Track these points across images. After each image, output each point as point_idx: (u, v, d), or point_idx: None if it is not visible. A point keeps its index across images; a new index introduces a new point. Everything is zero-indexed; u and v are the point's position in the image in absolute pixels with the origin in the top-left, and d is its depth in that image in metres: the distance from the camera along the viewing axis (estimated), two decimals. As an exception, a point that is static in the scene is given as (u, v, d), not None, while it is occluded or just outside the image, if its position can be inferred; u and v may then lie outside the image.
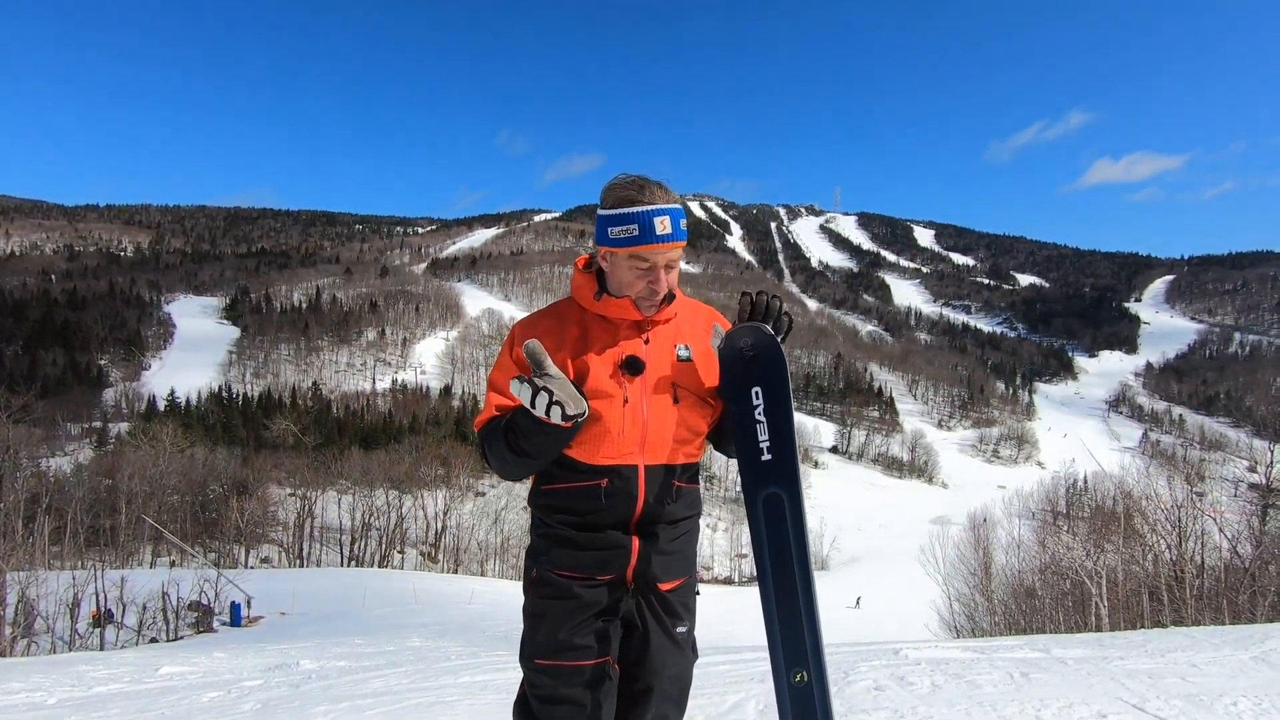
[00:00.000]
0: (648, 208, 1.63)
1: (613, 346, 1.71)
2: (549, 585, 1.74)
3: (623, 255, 1.67)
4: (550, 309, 1.81)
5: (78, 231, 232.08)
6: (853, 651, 6.18)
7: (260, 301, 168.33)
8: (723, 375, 1.74)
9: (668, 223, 1.64)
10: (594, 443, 1.69)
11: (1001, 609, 18.85)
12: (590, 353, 1.70)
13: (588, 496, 1.71)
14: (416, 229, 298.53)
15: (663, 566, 1.76)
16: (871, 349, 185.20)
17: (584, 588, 1.72)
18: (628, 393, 1.68)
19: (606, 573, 1.72)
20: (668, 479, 1.73)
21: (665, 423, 1.71)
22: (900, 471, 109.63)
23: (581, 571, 1.73)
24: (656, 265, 1.67)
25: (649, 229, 1.63)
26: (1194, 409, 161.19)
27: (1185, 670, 4.53)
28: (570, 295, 1.81)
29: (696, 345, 1.79)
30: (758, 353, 1.71)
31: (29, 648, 18.03)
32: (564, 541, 1.74)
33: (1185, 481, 15.57)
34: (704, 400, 1.78)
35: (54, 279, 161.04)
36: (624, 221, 1.64)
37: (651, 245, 1.64)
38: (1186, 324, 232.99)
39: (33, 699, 6.14)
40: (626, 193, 1.65)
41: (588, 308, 1.75)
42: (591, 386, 1.66)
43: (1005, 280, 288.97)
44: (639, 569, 1.73)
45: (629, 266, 1.68)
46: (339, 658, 9.10)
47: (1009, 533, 23.16)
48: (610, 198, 1.67)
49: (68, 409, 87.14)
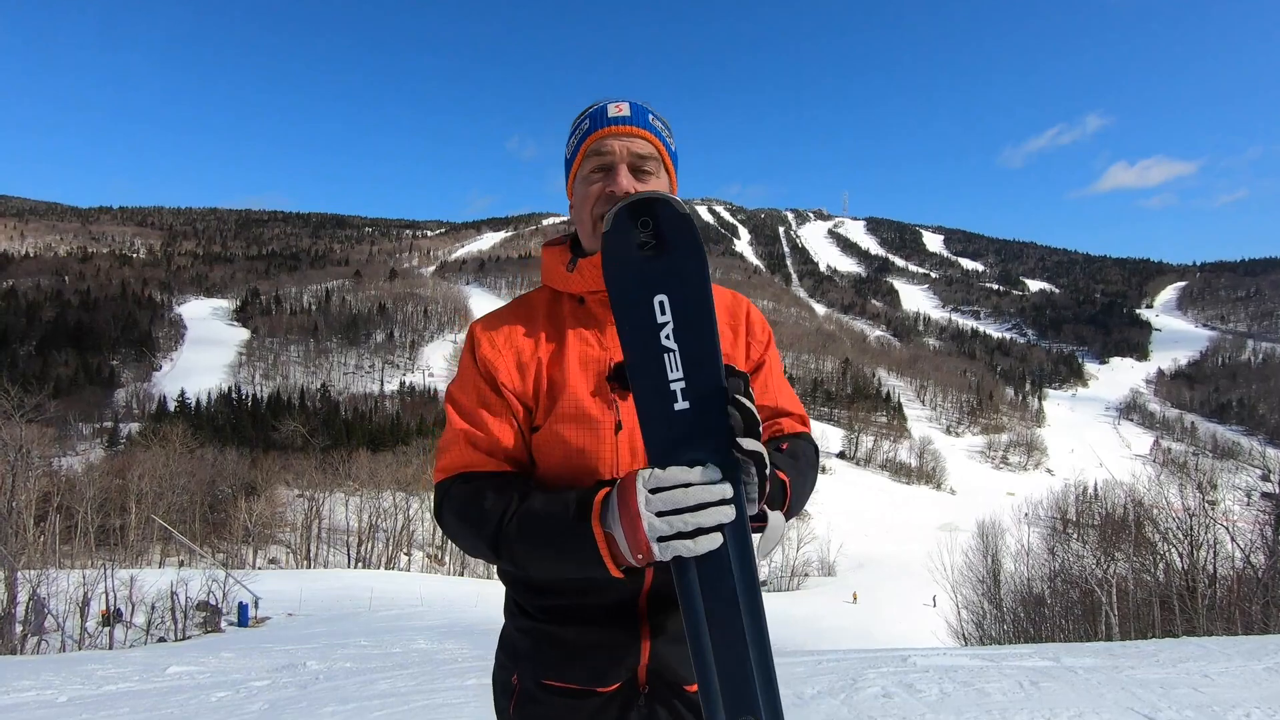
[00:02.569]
0: (602, 101, 1.26)
1: (596, 349, 1.23)
2: (536, 703, 1.24)
3: (580, 171, 1.24)
4: (515, 301, 1.34)
5: (91, 233, 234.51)
6: (861, 658, 6.16)
7: (270, 303, 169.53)
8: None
9: (624, 106, 1.23)
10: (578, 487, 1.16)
11: (1010, 617, 18.73)
12: (567, 360, 1.22)
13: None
14: (426, 232, 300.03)
15: (686, 660, 1.17)
16: (880, 354, 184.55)
17: (583, 706, 1.22)
18: (620, 415, 1.18)
19: (611, 680, 1.21)
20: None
21: None
22: (908, 477, 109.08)
23: (577, 680, 1.22)
24: (614, 159, 1.20)
25: (600, 114, 1.23)
26: (1206, 416, 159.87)
27: (1198, 681, 4.49)
28: (541, 284, 1.35)
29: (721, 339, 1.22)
30: (662, 241, 1.07)
31: (39, 645, 18.19)
32: (550, 639, 1.23)
33: (1197, 490, 15.42)
34: None
35: (67, 280, 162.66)
36: (576, 126, 1.26)
37: (603, 130, 1.21)
38: (1198, 330, 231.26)
39: (44, 697, 6.19)
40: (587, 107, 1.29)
41: (562, 289, 1.29)
42: (567, 407, 1.19)
43: (1015, 286, 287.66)
44: (654, 667, 1.22)
45: (584, 179, 1.23)
46: (345, 659, 9.13)
47: (1018, 540, 23.02)
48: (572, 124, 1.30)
49: (80, 409, 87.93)
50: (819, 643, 23.28)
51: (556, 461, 1.20)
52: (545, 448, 1.21)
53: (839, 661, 5.91)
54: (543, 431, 1.21)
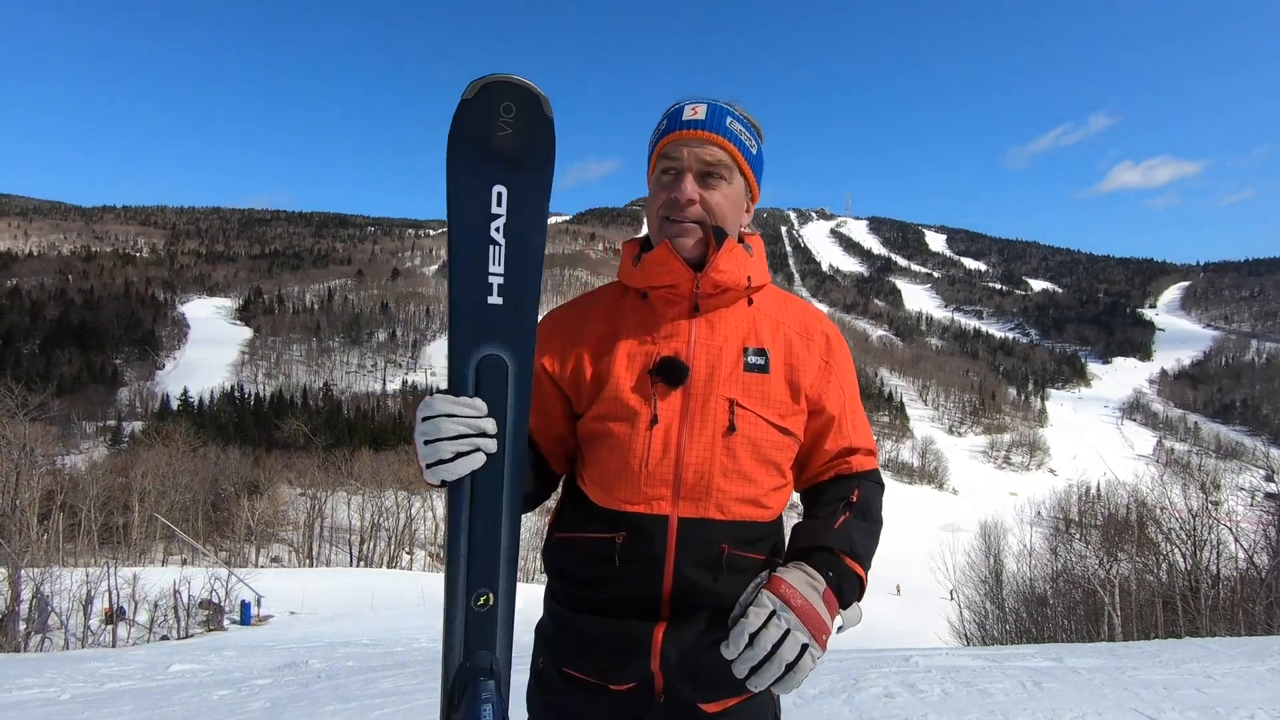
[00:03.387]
0: (686, 100, 1.25)
1: (649, 343, 1.22)
2: (555, 690, 1.26)
3: (654, 173, 1.25)
4: (584, 295, 1.37)
5: (94, 232, 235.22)
6: (863, 658, 6.15)
7: (273, 302, 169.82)
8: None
9: (700, 109, 1.21)
10: (607, 478, 1.20)
11: (1013, 617, 18.69)
12: (616, 352, 1.23)
13: (599, 556, 1.20)
14: (428, 231, 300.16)
15: (706, 675, 1.16)
16: (882, 354, 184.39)
17: (596, 703, 1.22)
18: (657, 410, 1.18)
19: (624, 679, 1.19)
20: (716, 543, 1.17)
21: (712, 458, 1.17)
22: (910, 477, 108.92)
23: (592, 674, 1.21)
24: (682, 165, 1.20)
25: (676, 116, 1.22)
26: (1209, 417, 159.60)
27: (1201, 681, 4.48)
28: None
29: (779, 351, 1.25)
30: (519, 135, 1.06)
31: (43, 643, 18.25)
32: (571, 627, 1.24)
33: (1200, 490, 15.36)
34: (780, 430, 1.22)
35: (71, 279, 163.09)
36: (657, 125, 1.26)
37: (674, 135, 1.20)
38: (1202, 331, 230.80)
39: (46, 694, 6.21)
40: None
41: (630, 284, 1.29)
42: (609, 396, 1.20)
43: (1018, 285, 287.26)
44: (668, 676, 1.17)
45: (656, 179, 1.24)
46: (347, 658, 9.15)
47: (1020, 540, 22.96)
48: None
49: (83, 408, 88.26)
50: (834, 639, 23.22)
51: (598, 449, 1.23)
52: (589, 436, 1.25)
53: (840, 662, 5.91)
54: (586, 419, 1.25)
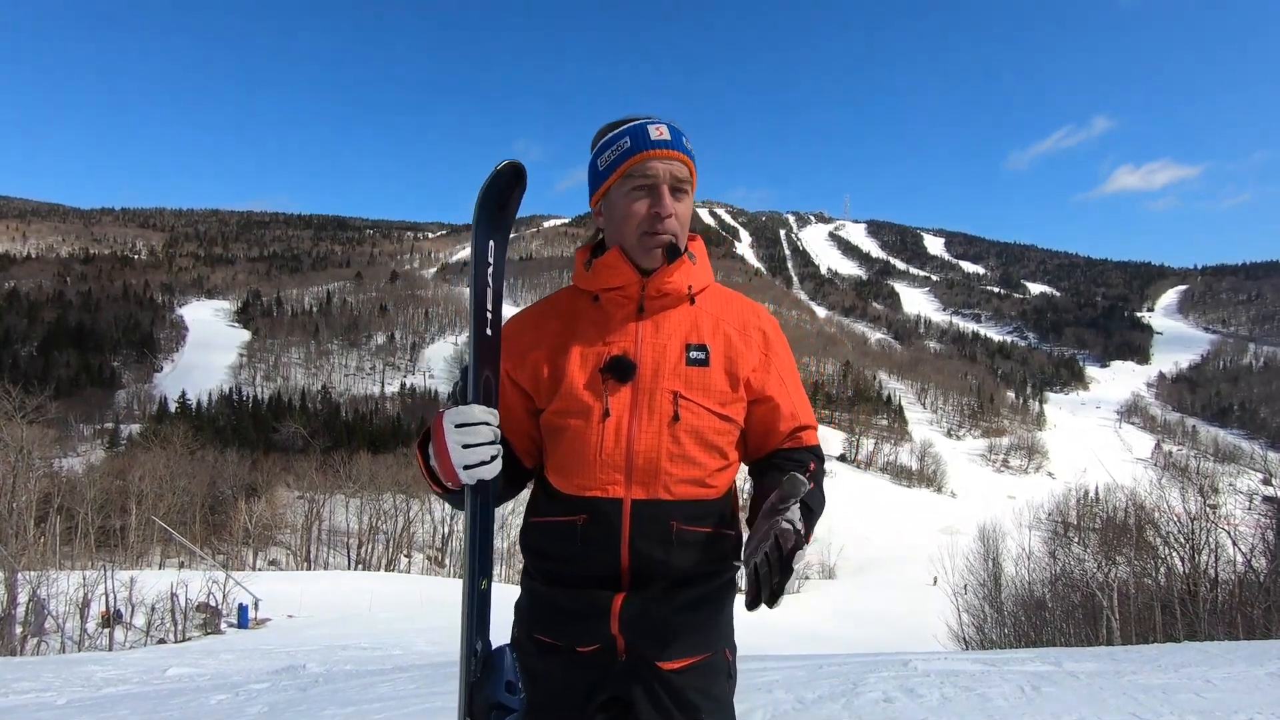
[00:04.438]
0: (641, 120, 1.36)
1: (599, 343, 1.36)
2: (528, 655, 1.40)
3: (618, 185, 1.35)
4: (543, 300, 1.50)
5: (93, 234, 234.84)
6: (861, 662, 6.15)
7: (271, 305, 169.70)
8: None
9: (664, 130, 1.33)
10: (567, 467, 1.35)
11: (1011, 621, 18.67)
12: (571, 352, 1.37)
13: (566, 536, 1.35)
14: (427, 234, 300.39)
15: (664, 636, 1.33)
16: (880, 357, 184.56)
17: (565, 663, 1.36)
18: (609, 404, 1.32)
19: (587, 641, 1.34)
20: (666, 520, 1.32)
21: (659, 444, 1.32)
22: (909, 481, 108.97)
23: (560, 637, 1.37)
24: (659, 180, 1.32)
25: (642, 135, 1.33)
26: (1207, 420, 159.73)
27: (1200, 686, 4.48)
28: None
29: (719, 346, 1.38)
30: (511, 200, 1.39)
31: (39, 647, 18.19)
32: (542, 598, 1.40)
33: (1198, 494, 15.37)
34: (721, 417, 1.36)
35: (69, 281, 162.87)
36: (613, 141, 1.35)
37: (647, 153, 1.32)
38: (1200, 334, 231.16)
39: (43, 699, 6.19)
40: (616, 122, 1.39)
41: (584, 287, 1.42)
42: (565, 393, 1.35)
43: (1016, 289, 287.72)
44: (628, 637, 1.32)
45: (626, 194, 1.34)
46: (345, 661, 9.13)
47: (1019, 544, 22.95)
48: (600, 134, 1.41)
49: (81, 410, 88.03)
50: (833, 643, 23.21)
51: (559, 441, 1.37)
52: (550, 430, 1.39)
53: (840, 666, 5.90)
54: (547, 414, 1.39)
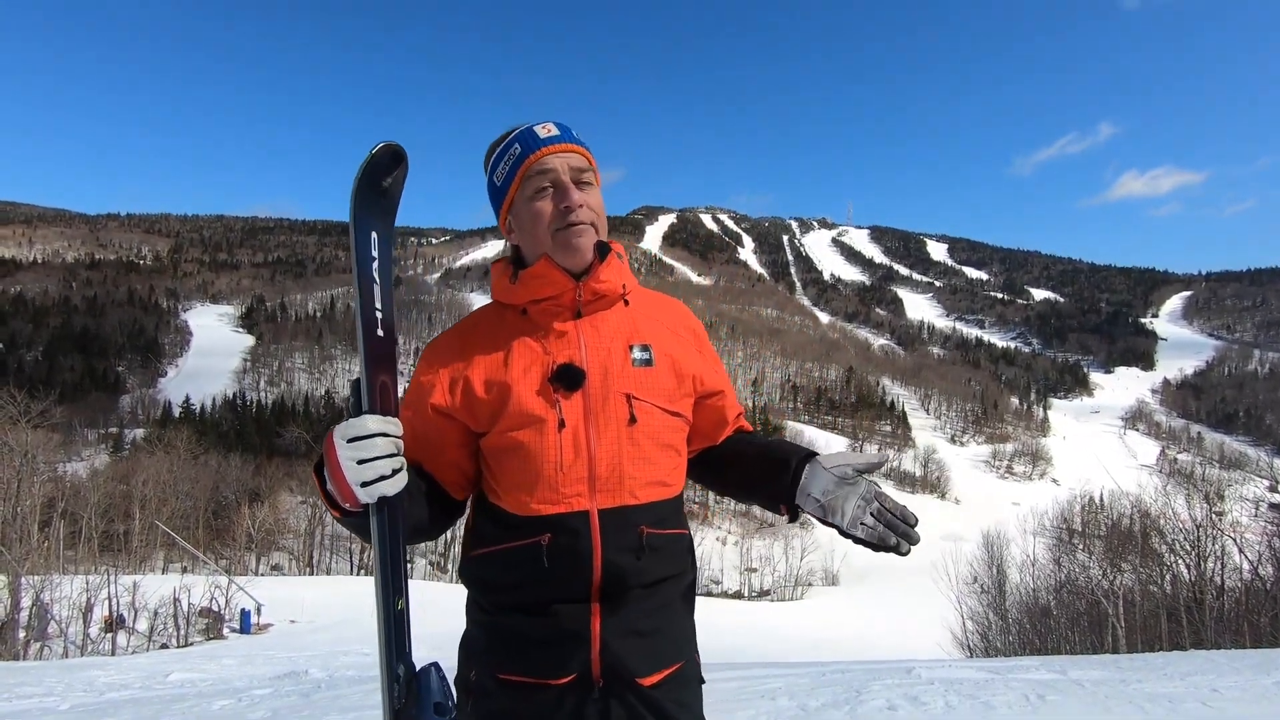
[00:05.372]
0: (525, 125, 1.35)
1: (540, 354, 1.30)
2: (491, 698, 1.28)
3: (520, 194, 1.33)
4: (462, 321, 1.44)
5: (99, 240, 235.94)
6: (865, 670, 6.12)
7: (275, 310, 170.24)
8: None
9: (551, 126, 1.33)
10: (524, 486, 1.27)
11: (1016, 628, 18.59)
12: (509, 367, 1.30)
13: (525, 561, 1.26)
14: (430, 239, 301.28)
15: (642, 651, 1.27)
16: (884, 363, 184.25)
17: (538, 700, 1.25)
18: (563, 413, 1.26)
19: (564, 672, 1.25)
20: (634, 526, 1.27)
21: (620, 449, 1.27)
22: (912, 487, 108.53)
23: (532, 673, 1.26)
24: (559, 175, 1.31)
25: (530, 137, 1.32)
26: (1212, 427, 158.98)
27: (1206, 695, 4.44)
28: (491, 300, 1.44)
29: (661, 345, 1.36)
30: (391, 186, 1.30)
31: (42, 651, 18.20)
32: (504, 633, 1.29)
33: (1204, 501, 15.30)
34: (672, 414, 1.34)
35: (74, 286, 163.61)
36: (505, 152, 1.34)
37: (539, 151, 1.30)
38: (1204, 340, 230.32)
39: (46, 704, 6.20)
40: (501, 135, 1.38)
41: (508, 302, 1.37)
42: (514, 410, 1.27)
43: (1019, 295, 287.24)
44: (607, 660, 1.25)
45: (529, 199, 1.32)
46: (347, 667, 9.12)
47: (1023, 550, 22.85)
48: (489, 151, 1.39)
49: (85, 414, 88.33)
50: (836, 650, 23.09)
51: (510, 461, 1.28)
52: (497, 450, 1.30)
53: (843, 673, 5.88)
54: (493, 435, 1.30)
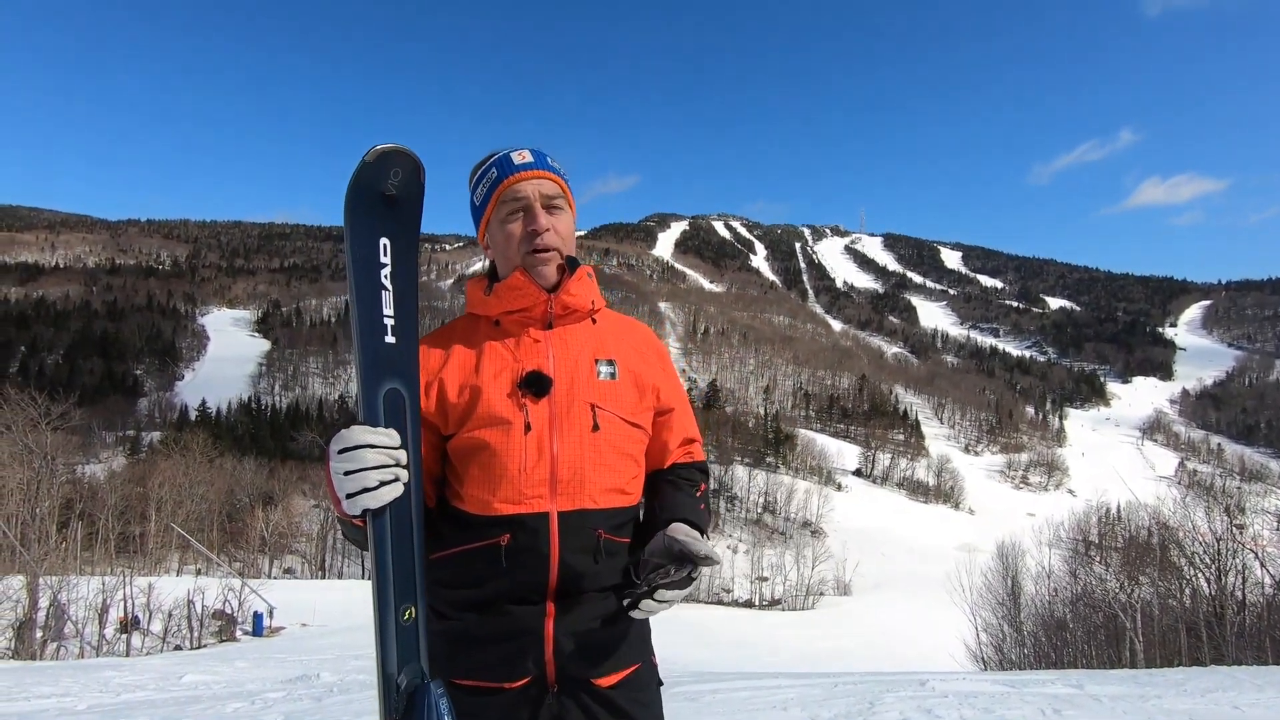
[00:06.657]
0: (505, 150, 1.44)
1: (511, 361, 1.38)
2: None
3: (495, 214, 1.42)
4: (438, 330, 1.50)
5: (119, 245, 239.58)
6: (878, 681, 6.07)
7: (291, 315, 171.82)
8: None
9: (526, 154, 1.41)
10: (487, 486, 1.31)
11: (1031, 641, 18.34)
12: (481, 372, 1.37)
13: (482, 561, 1.29)
14: (444, 245, 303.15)
15: (596, 652, 1.30)
16: (897, 371, 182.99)
17: (495, 704, 1.27)
18: (529, 417, 1.32)
19: (518, 675, 1.27)
20: (592, 530, 1.32)
21: (582, 455, 1.33)
22: (925, 496, 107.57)
23: (486, 677, 1.28)
24: (529, 200, 1.39)
25: (506, 163, 1.41)
26: (1233, 438, 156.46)
27: (1228, 712, 4.37)
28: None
29: (624, 361, 1.44)
30: (401, 191, 1.27)
31: (59, 651, 18.40)
32: (458, 635, 1.31)
33: (1224, 513, 15.06)
34: (633, 425, 1.41)
35: (95, 291, 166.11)
36: (483, 175, 1.43)
37: (513, 177, 1.39)
38: (1224, 350, 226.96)
39: (63, 704, 6.26)
40: (484, 158, 1.46)
41: (482, 313, 1.46)
42: (483, 411, 1.33)
43: (1035, 303, 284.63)
44: (561, 661, 1.28)
45: (502, 220, 1.41)
46: (359, 671, 9.14)
47: (1039, 562, 22.57)
48: (472, 172, 1.47)
49: (104, 417, 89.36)
50: (848, 661, 22.94)
51: (475, 460, 1.33)
52: (464, 450, 1.34)
53: (856, 684, 5.83)
54: (460, 437, 1.34)
